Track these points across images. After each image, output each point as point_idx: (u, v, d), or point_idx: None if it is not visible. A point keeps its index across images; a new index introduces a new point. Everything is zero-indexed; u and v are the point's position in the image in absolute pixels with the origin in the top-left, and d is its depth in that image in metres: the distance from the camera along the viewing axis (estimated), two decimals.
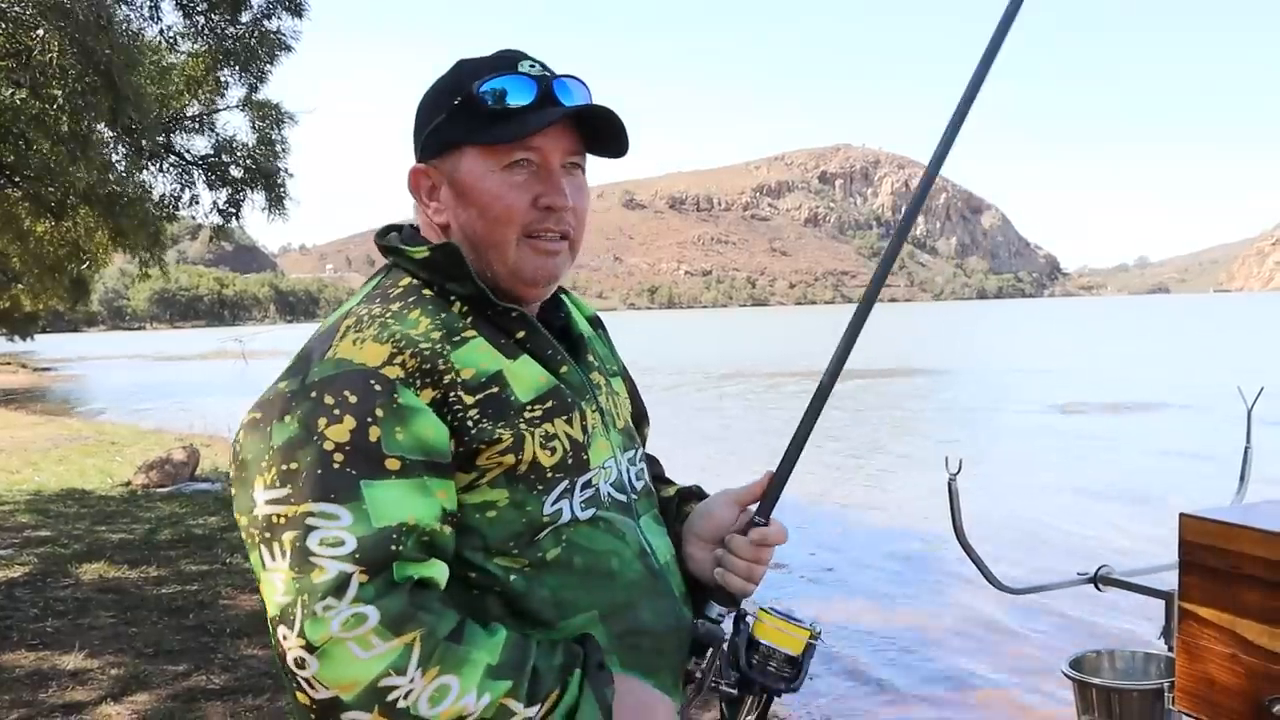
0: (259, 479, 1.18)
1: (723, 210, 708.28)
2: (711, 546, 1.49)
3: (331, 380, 1.20)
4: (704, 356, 46.97)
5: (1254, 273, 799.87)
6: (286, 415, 1.19)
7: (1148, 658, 2.87)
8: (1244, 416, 3.04)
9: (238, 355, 60.93)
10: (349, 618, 1.11)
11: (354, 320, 1.27)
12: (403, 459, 1.18)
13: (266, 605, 1.16)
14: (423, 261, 1.33)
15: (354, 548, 1.13)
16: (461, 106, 1.33)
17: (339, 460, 1.16)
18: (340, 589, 1.12)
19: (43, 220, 11.75)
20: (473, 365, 1.26)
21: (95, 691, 4.92)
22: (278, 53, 10.93)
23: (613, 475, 1.39)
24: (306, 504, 1.15)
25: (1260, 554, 1.85)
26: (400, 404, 1.19)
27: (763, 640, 1.40)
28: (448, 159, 1.35)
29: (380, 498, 1.16)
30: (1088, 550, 8.34)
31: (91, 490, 11.49)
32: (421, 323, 1.27)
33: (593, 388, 1.42)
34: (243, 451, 1.22)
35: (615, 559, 1.34)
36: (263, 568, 1.16)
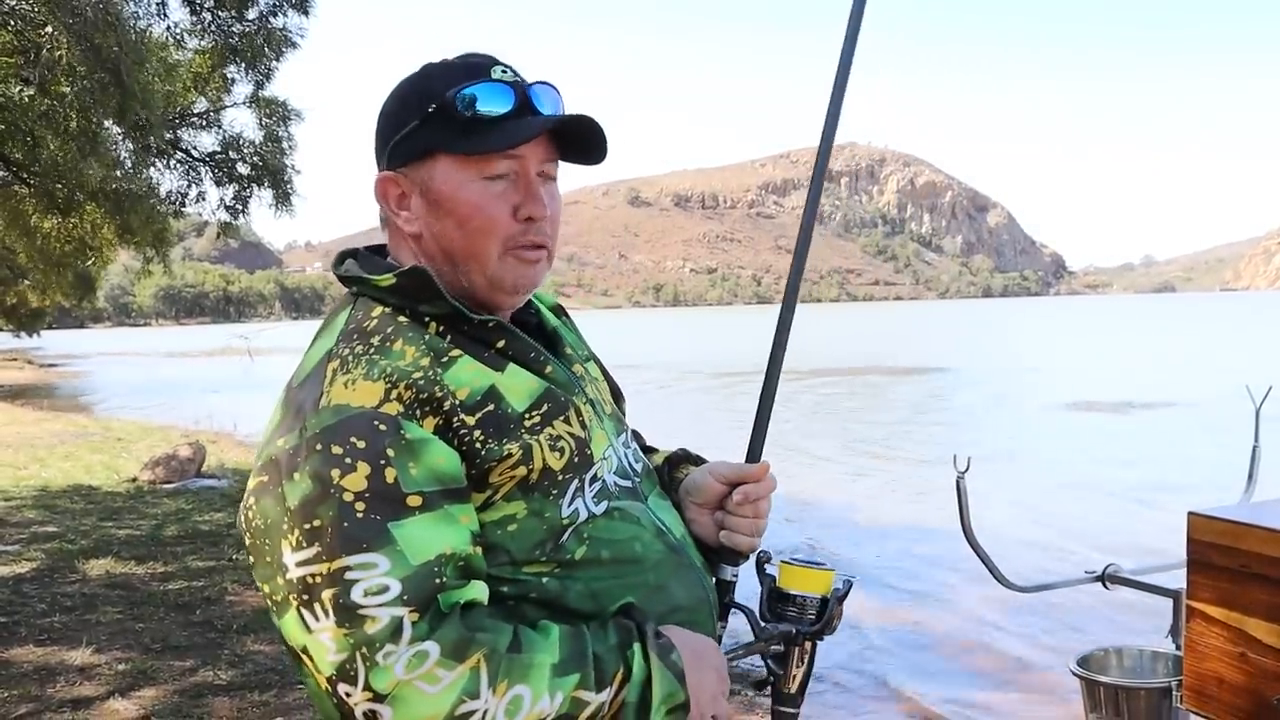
0: (284, 542, 1.16)
1: (728, 208, 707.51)
2: (707, 510, 1.51)
3: (334, 429, 1.17)
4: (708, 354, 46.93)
5: (1261, 271, 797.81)
6: (296, 473, 1.17)
7: (1155, 656, 2.87)
8: (1252, 415, 3.04)
9: (243, 352, 61.00)
10: (411, 658, 1.12)
11: (339, 362, 1.24)
12: (423, 493, 1.17)
13: (318, 666, 1.15)
14: (390, 289, 1.30)
15: (400, 591, 1.13)
16: (437, 113, 1.29)
17: (361, 509, 1.14)
18: (396, 634, 1.12)
19: (50, 217, 11.77)
20: (466, 384, 1.25)
21: (102, 687, 4.93)
22: (284, 50, 10.95)
23: (614, 464, 1.40)
24: (341, 558, 1.13)
25: (1269, 553, 1.85)
26: (409, 439, 1.18)
27: (791, 590, 1.43)
28: (420, 167, 1.32)
29: (411, 536, 1.15)
30: (1095, 548, 8.32)
31: (98, 486, 11.51)
32: (408, 352, 1.24)
33: (578, 381, 1.41)
34: (257, 517, 1.20)
35: (637, 543, 1.34)
36: (307, 630, 1.15)
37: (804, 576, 1.43)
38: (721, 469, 1.53)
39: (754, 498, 1.47)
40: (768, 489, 1.49)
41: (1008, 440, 16.29)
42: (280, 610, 1.18)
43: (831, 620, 1.43)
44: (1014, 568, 2.86)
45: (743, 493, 1.47)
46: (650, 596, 1.33)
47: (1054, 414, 19.42)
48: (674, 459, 1.62)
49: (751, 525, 1.47)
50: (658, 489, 1.49)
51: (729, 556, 1.47)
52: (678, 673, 1.24)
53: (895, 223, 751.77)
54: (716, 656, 1.34)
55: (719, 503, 1.50)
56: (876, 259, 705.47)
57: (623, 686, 1.21)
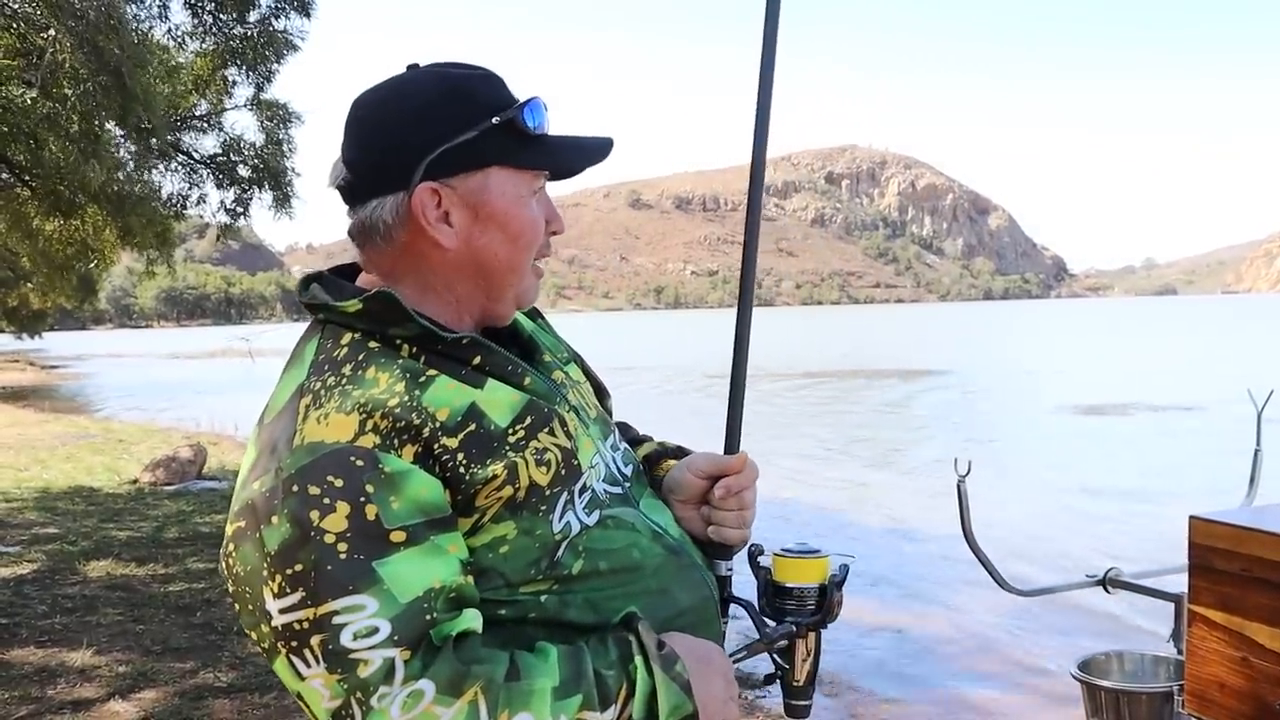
0: (265, 589, 1.13)
1: (729, 210, 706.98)
2: (691, 505, 1.49)
3: (310, 469, 1.13)
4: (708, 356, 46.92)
5: (1262, 274, 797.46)
6: (274, 516, 1.12)
7: (1157, 660, 2.87)
8: (1254, 419, 3.03)
9: (245, 353, 61.00)
10: (406, 698, 1.10)
11: (311, 397, 1.19)
12: (406, 528, 1.14)
13: (314, 713, 1.14)
14: (357, 314, 1.26)
15: (390, 631, 1.11)
16: (501, 127, 1.27)
17: (344, 550, 1.11)
18: (389, 675, 1.10)
19: (52, 219, 11.77)
20: (446, 405, 1.21)
21: (103, 688, 4.93)
22: (285, 52, 10.96)
23: (601, 471, 1.37)
24: (327, 603, 1.10)
25: (1270, 557, 1.85)
26: (388, 472, 1.14)
27: (787, 583, 1.42)
28: (470, 179, 1.28)
29: (398, 573, 1.12)
30: (1097, 552, 8.32)
31: (99, 488, 11.51)
32: (381, 379, 1.20)
33: (559, 389, 1.38)
34: (237, 565, 1.16)
35: (635, 550, 1.32)
36: (299, 678, 1.13)
37: (799, 567, 1.42)
38: (699, 463, 1.51)
39: (736, 489, 1.45)
40: (750, 479, 1.47)
41: (1009, 443, 16.29)
42: (270, 656, 1.16)
43: (831, 609, 1.41)
44: (1015, 571, 2.86)
45: (724, 486, 1.44)
46: (653, 602, 1.31)
47: (1055, 417, 19.40)
48: (652, 457, 1.60)
49: (738, 518, 1.45)
50: (649, 490, 1.47)
51: (720, 551, 1.45)
52: (683, 683, 1.22)
53: (896, 225, 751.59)
54: (723, 661, 1.32)
55: (702, 497, 1.48)
56: (877, 261, 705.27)
57: (628, 702, 1.19)
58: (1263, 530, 1.89)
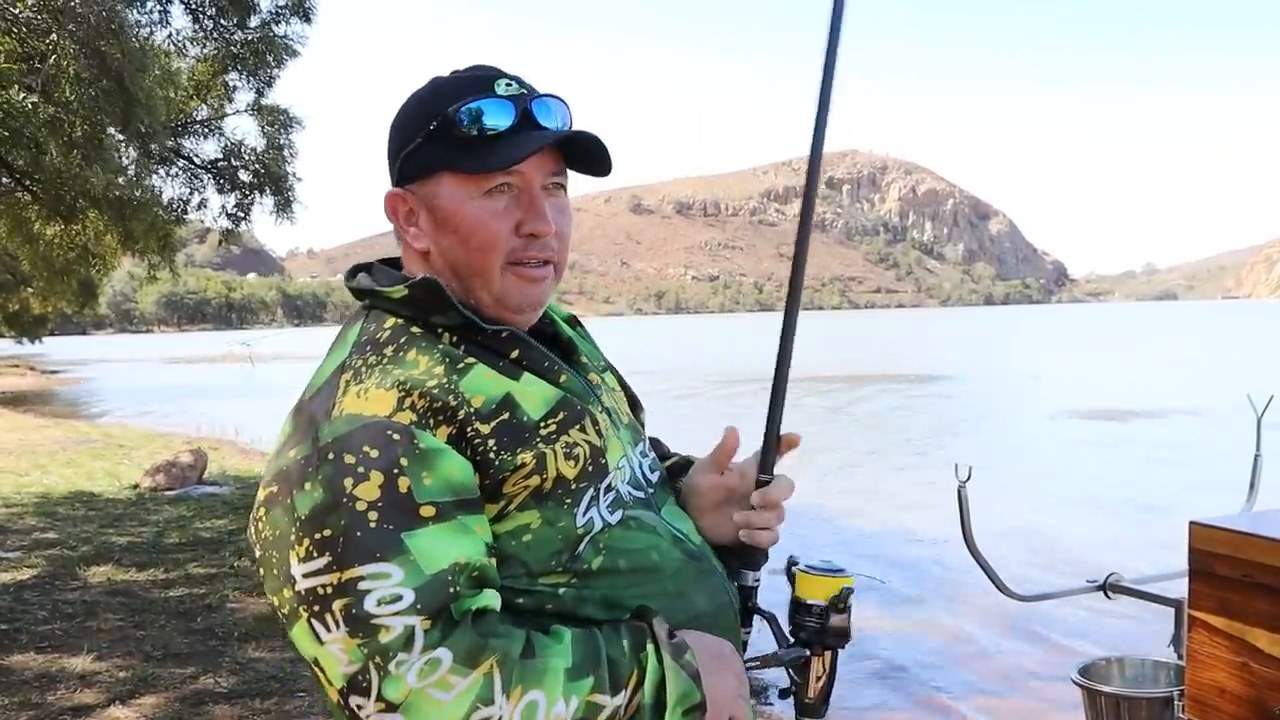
0: (292, 553, 1.15)
1: (730, 215, 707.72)
2: (714, 512, 1.50)
3: (348, 438, 1.16)
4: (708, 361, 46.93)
5: (1263, 279, 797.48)
6: (307, 483, 1.15)
7: (1157, 665, 2.87)
8: (1254, 424, 3.03)
9: (245, 358, 61.06)
10: (423, 666, 1.11)
11: (352, 373, 1.23)
12: (436, 504, 1.16)
13: (330, 678, 1.14)
14: (402, 300, 1.30)
15: (413, 600, 1.12)
16: (438, 130, 1.29)
17: (374, 518, 1.13)
18: (409, 642, 1.11)
19: (53, 223, 11.78)
20: (481, 392, 1.23)
21: (103, 694, 4.93)
22: (286, 57, 10.97)
23: (627, 474, 1.38)
24: (353, 568, 1.12)
25: (1270, 562, 1.85)
26: (422, 448, 1.16)
27: (811, 600, 1.41)
28: (425, 184, 1.32)
29: (425, 546, 1.14)
30: (1097, 557, 8.31)
31: (99, 493, 11.51)
32: (421, 361, 1.23)
33: (594, 390, 1.40)
34: (265, 529, 1.19)
35: (654, 552, 1.33)
36: (318, 642, 1.13)
37: (815, 584, 1.42)
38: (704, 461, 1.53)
39: (772, 503, 1.46)
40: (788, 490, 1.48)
41: (1009, 449, 16.29)
42: (290, 622, 1.17)
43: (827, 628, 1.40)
44: (1015, 576, 2.86)
45: (762, 497, 1.45)
46: (670, 605, 1.31)
47: (1056, 422, 19.41)
48: (673, 469, 1.60)
49: (770, 527, 1.46)
50: (672, 499, 1.48)
51: (751, 557, 1.46)
52: (692, 672, 1.22)
53: (897, 230, 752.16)
54: (735, 659, 1.33)
55: (720, 496, 1.49)
56: (878, 266, 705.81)
57: (638, 689, 1.20)
58: (1263, 536, 1.89)
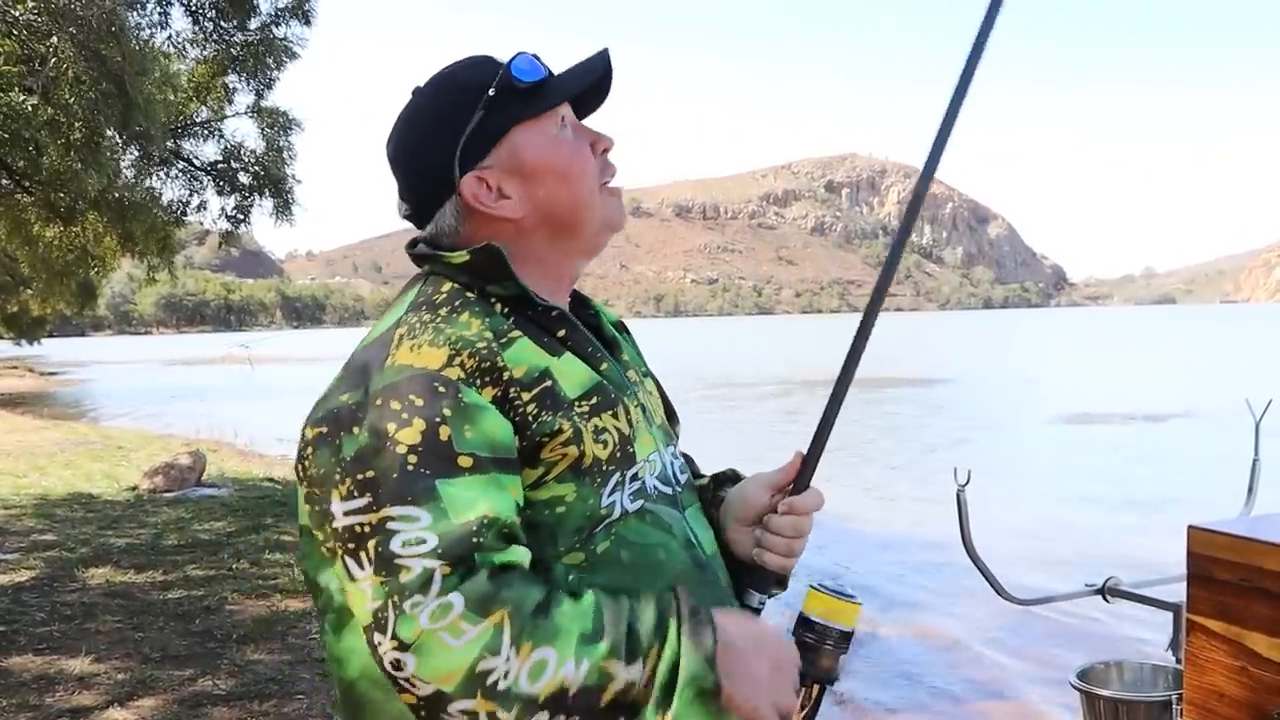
0: (334, 492, 1.20)
1: (729, 219, 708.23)
2: (749, 528, 1.50)
3: (395, 386, 1.21)
4: (710, 365, 46.92)
5: (1261, 283, 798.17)
6: (355, 426, 1.21)
7: (1156, 670, 2.87)
8: (1252, 428, 3.04)
9: (244, 360, 61.08)
10: (436, 609, 1.13)
11: (406, 328, 1.27)
12: (474, 456, 1.19)
13: (358, 615, 1.18)
14: (462, 266, 1.34)
15: (435, 544, 1.15)
16: (500, 94, 1.36)
17: (413, 462, 1.17)
18: (425, 585, 1.13)
19: (52, 225, 11.79)
20: (524, 363, 1.28)
21: (102, 696, 4.92)
22: (285, 59, 10.99)
23: (657, 468, 1.40)
24: (386, 509, 1.16)
25: (1269, 566, 1.85)
26: (466, 403, 1.21)
27: (817, 618, 1.38)
28: (499, 151, 1.37)
29: (457, 495, 1.17)
30: (1096, 561, 8.32)
31: (98, 495, 11.50)
32: (473, 324, 1.28)
33: (631, 385, 1.43)
34: (312, 467, 1.24)
35: (662, 550, 1.34)
36: (350, 579, 1.18)
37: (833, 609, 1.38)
38: (766, 475, 1.52)
39: (799, 510, 1.45)
40: (814, 503, 1.47)
41: (1008, 452, 16.30)
42: (330, 559, 1.22)
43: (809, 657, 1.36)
44: (1014, 580, 2.86)
45: (788, 504, 1.45)
46: None
47: (1055, 426, 19.42)
48: (720, 478, 1.61)
49: (786, 545, 1.44)
50: (698, 505, 1.49)
51: (759, 578, 1.44)
52: (707, 654, 1.20)
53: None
54: (778, 648, 1.31)
55: (761, 515, 1.48)
56: (877, 270, 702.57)
57: (657, 663, 1.19)
58: (1261, 540, 1.89)
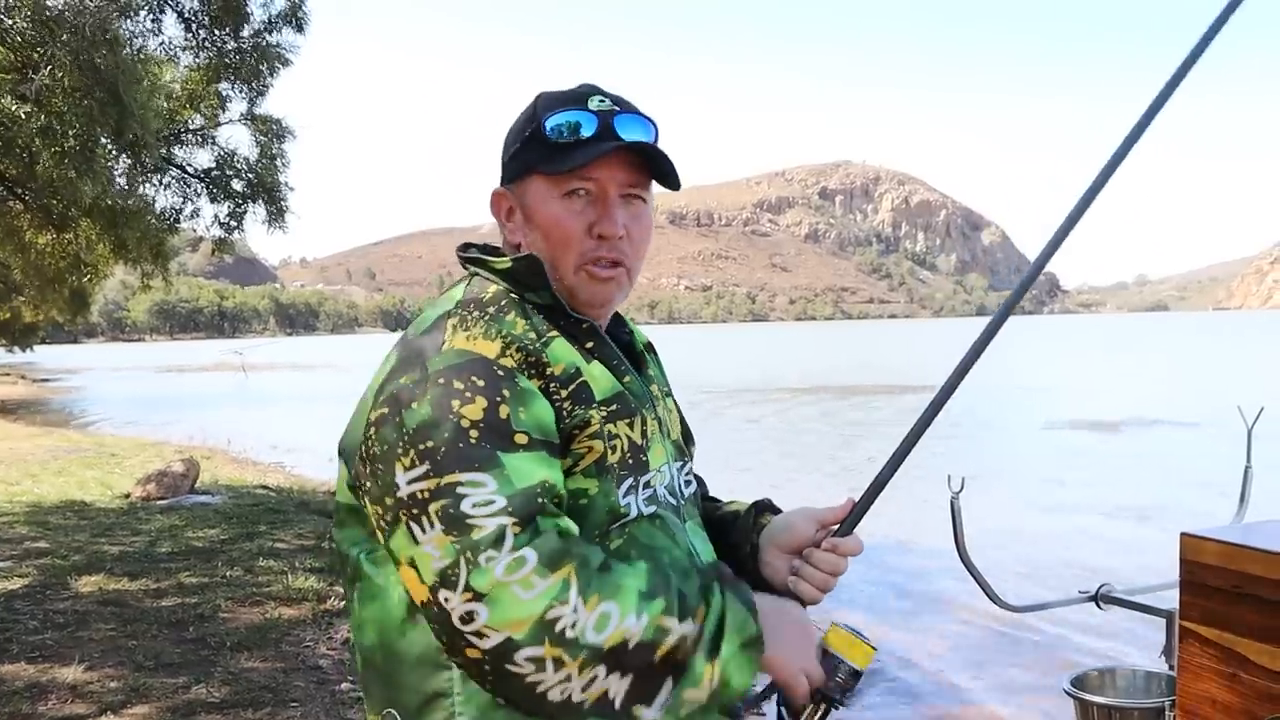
0: (398, 463, 1.26)
1: (723, 226, 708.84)
2: (787, 556, 1.57)
3: (458, 367, 1.29)
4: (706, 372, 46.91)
5: (1253, 290, 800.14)
6: (415, 402, 1.28)
7: (1149, 676, 2.87)
8: (1244, 435, 3.04)
9: (237, 367, 60.99)
10: (510, 562, 1.20)
11: (458, 319, 1.36)
12: (529, 435, 1.28)
13: (420, 577, 1.24)
14: (504, 271, 1.44)
15: (504, 504, 1.22)
16: (532, 137, 1.44)
17: (475, 435, 1.25)
18: (499, 541, 1.21)
19: (45, 232, 11.76)
20: (562, 361, 1.37)
21: (94, 704, 4.91)
22: (278, 67, 10.97)
23: (666, 479, 1.49)
24: (454, 474, 1.23)
25: (1261, 574, 1.86)
26: (522, 388, 1.30)
27: (834, 651, 1.45)
28: (520, 184, 1.48)
29: (517, 465, 1.25)
30: (1089, 568, 8.33)
31: (91, 502, 11.47)
32: (519, 323, 1.37)
33: (651, 399, 1.52)
34: (375, 446, 1.30)
35: (666, 555, 1.42)
36: (414, 542, 1.24)
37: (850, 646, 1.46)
38: (815, 510, 1.60)
39: (843, 551, 1.53)
40: (856, 548, 1.55)
41: (1002, 459, 16.32)
42: (390, 530, 1.28)
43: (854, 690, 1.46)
44: (1007, 587, 2.86)
45: (833, 544, 1.53)
46: None
47: (1048, 433, 19.45)
48: (760, 505, 1.68)
49: (824, 580, 1.52)
50: (698, 519, 1.58)
51: None
52: (748, 604, 1.33)
53: (890, 241, 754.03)
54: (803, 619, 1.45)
55: (803, 547, 1.56)
56: (871, 277, 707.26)
57: (704, 622, 1.28)
58: (1253, 547, 1.90)
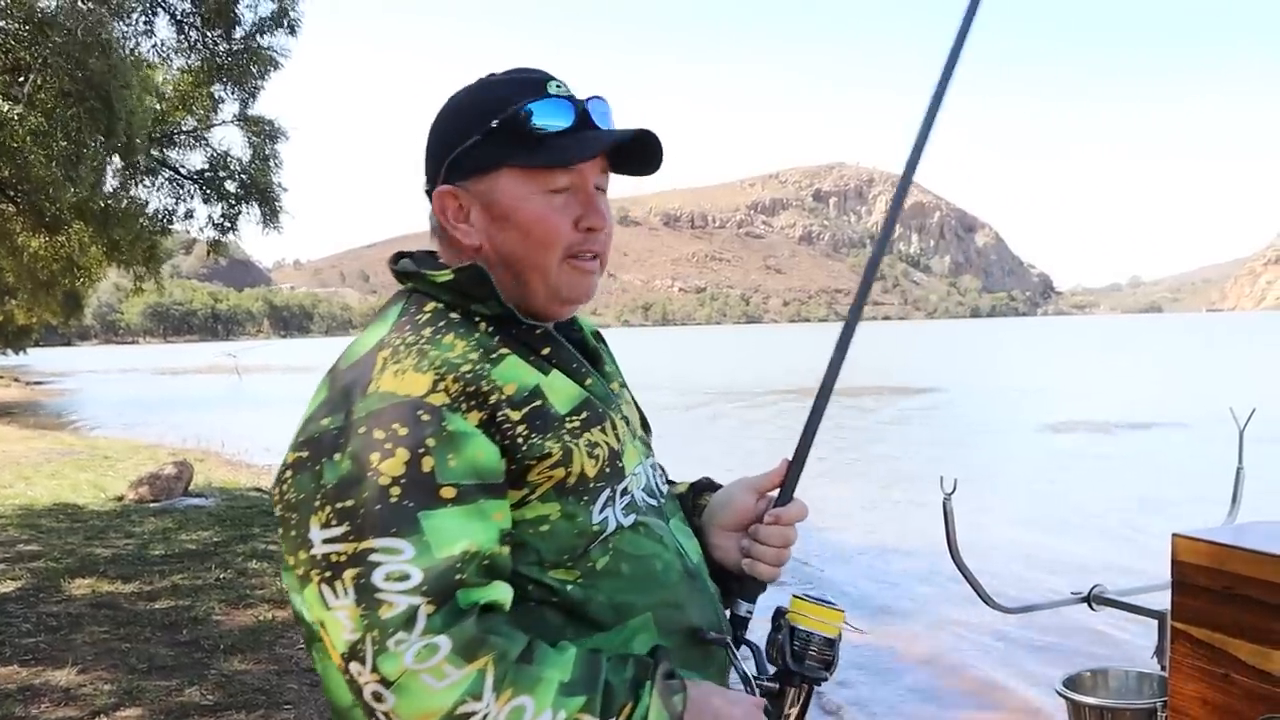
0: (313, 519, 1.18)
1: (717, 228, 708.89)
2: (733, 534, 1.51)
3: (379, 414, 1.19)
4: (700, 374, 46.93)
5: (1246, 292, 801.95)
6: (336, 453, 1.19)
7: (1141, 677, 2.87)
8: (1236, 437, 3.05)
9: (231, 370, 60.91)
10: (421, 649, 1.13)
11: (390, 351, 1.26)
12: (458, 486, 1.19)
13: (334, 643, 1.17)
14: (446, 285, 1.33)
15: (419, 580, 1.15)
16: (502, 128, 1.33)
17: (395, 494, 1.16)
18: (410, 622, 1.13)
19: (37, 235, 11.74)
20: (514, 380, 1.27)
21: (88, 707, 4.89)
22: (270, 69, 10.98)
23: (643, 480, 1.42)
24: (368, 540, 1.15)
25: (1252, 574, 1.86)
26: (450, 431, 1.20)
27: (800, 626, 1.40)
28: (481, 180, 1.35)
29: (440, 527, 1.17)
30: (1081, 569, 8.33)
31: (84, 505, 11.43)
32: (457, 345, 1.27)
33: (614, 397, 1.44)
34: (289, 492, 1.22)
35: (658, 561, 1.35)
36: (325, 607, 1.17)
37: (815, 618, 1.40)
38: (750, 480, 1.53)
39: (786, 520, 1.46)
40: (800, 514, 1.48)
41: (995, 461, 16.32)
42: (301, 584, 1.20)
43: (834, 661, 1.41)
44: (1000, 588, 2.87)
45: (775, 514, 1.46)
46: (668, 615, 1.33)
47: (1041, 435, 19.45)
48: (699, 486, 1.63)
49: (776, 554, 1.45)
50: (680, 515, 1.50)
51: (749, 588, 1.46)
52: (674, 715, 1.21)
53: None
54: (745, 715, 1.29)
55: (747, 521, 1.49)
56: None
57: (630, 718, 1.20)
58: (1244, 548, 1.90)
